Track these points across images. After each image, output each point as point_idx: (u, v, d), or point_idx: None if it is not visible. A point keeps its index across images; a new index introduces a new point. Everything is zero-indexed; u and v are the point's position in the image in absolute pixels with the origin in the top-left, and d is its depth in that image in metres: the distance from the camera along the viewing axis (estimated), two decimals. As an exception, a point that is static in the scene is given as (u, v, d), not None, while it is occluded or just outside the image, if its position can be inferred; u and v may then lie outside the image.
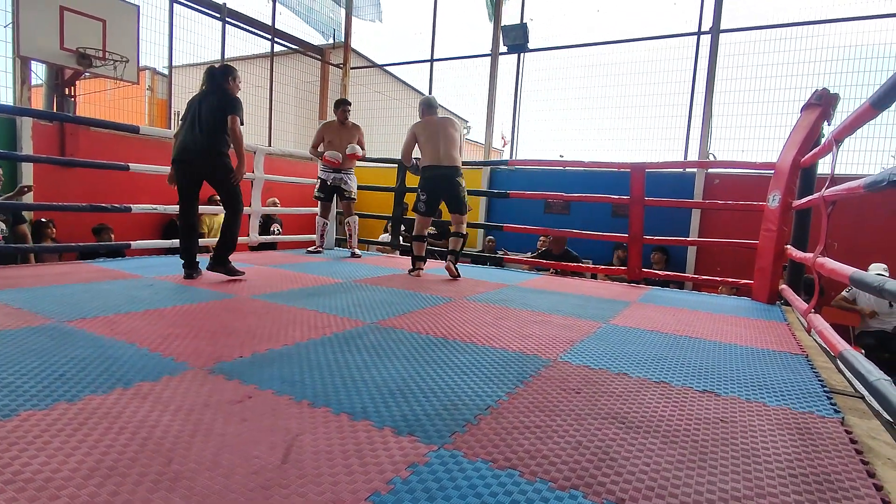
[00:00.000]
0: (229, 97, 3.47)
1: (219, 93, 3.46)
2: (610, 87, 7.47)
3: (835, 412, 1.63)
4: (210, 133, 3.39)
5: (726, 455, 1.28)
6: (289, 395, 1.49)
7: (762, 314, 3.38)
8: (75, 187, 5.47)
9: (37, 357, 1.70)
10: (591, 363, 2.00)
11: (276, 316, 2.47)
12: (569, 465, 1.18)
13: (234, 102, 3.45)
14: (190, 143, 3.40)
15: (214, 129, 3.41)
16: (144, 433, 1.21)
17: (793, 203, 3.64)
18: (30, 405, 1.33)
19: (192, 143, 3.39)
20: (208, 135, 3.39)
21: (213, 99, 3.43)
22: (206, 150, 3.39)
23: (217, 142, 3.42)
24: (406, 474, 1.09)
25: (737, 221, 6.07)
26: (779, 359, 2.24)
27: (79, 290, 2.85)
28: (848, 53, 6.04)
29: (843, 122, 2.38)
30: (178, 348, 1.88)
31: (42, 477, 1.00)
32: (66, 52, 5.16)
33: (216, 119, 3.40)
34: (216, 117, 3.40)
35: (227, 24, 7.42)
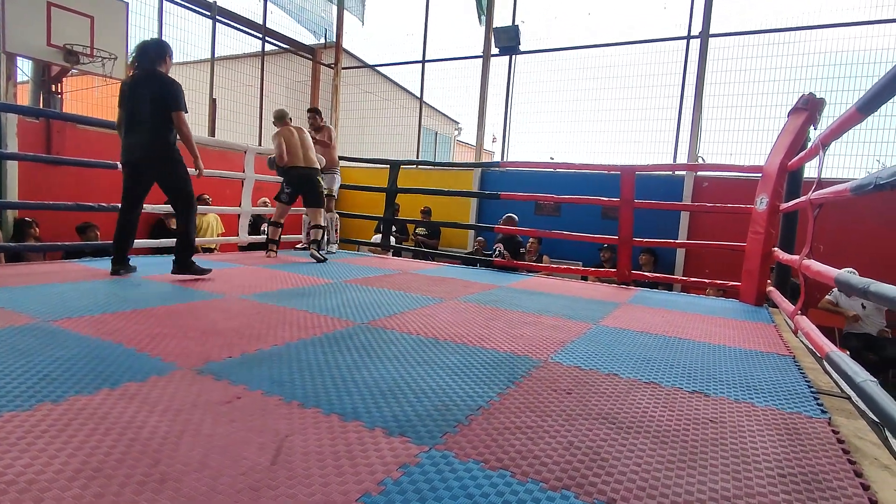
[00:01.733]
0: (170, 87, 3.18)
1: (157, 80, 3.17)
2: (600, 89, 7.51)
3: (822, 412, 1.64)
4: (154, 131, 3.16)
5: (716, 455, 1.29)
6: (278, 396, 1.47)
7: (750, 316, 3.41)
8: (62, 186, 5.39)
9: (21, 357, 1.67)
10: (582, 364, 2.00)
11: (265, 316, 2.45)
12: (560, 465, 1.18)
13: (176, 94, 3.18)
14: (136, 145, 3.19)
15: (159, 125, 3.17)
16: (131, 434, 1.20)
17: (780, 206, 3.68)
18: (13, 406, 1.30)
19: (139, 144, 3.18)
20: (153, 133, 3.16)
21: (153, 87, 3.15)
22: (155, 153, 3.20)
23: (164, 142, 3.21)
24: (397, 475, 1.09)
25: (725, 224, 6.12)
26: (767, 360, 2.26)
27: (65, 290, 2.81)
28: (834, 59, 6.13)
29: (830, 126, 2.41)
30: (166, 348, 1.85)
31: (25, 479, 0.98)
32: (53, 48, 5.08)
33: (159, 114, 3.16)
34: (159, 112, 3.16)
35: (218, 23, 7.36)
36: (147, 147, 3.19)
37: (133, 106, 3.16)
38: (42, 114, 5.19)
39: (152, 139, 3.18)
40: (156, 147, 3.19)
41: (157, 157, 3.22)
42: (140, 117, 3.16)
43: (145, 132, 3.17)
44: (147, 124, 3.16)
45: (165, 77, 3.22)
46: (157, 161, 3.24)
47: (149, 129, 3.16)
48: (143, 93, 3.15)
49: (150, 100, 3.14)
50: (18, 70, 5.27)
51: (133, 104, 3.16)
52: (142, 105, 3.15)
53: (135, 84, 3.17)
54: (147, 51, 3.21)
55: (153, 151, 3.21)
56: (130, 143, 3.20)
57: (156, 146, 3.19)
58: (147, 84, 3.16)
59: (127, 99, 3.19)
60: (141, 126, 3.16)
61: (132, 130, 3.18)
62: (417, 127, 8.76)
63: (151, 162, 3.24)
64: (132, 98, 3.17)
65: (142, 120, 3.16)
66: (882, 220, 5.56)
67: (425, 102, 8.84)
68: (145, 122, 3.16)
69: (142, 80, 3.17)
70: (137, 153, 3.20)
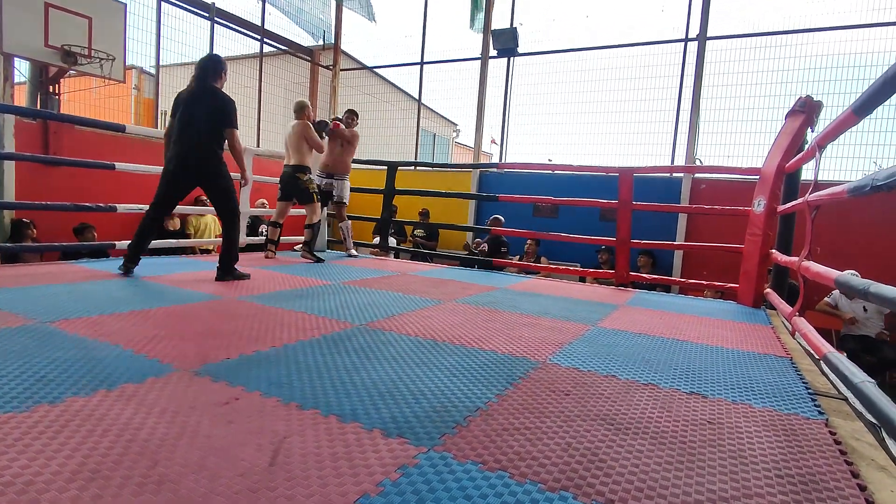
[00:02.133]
0: (226, 105, 3.34)
1: (214, 97, 3.33)
2: (599, 91, 7.53)
3: (819, 414, 1.65)
4: (208, 144, 3.31)
5: (714, 456, 1.29)
6: (276, 397, 1.47)
7: (747, 317, 3.42)
8: (59, 186, 5.37)
9: (17, 358, 1.66)
10: (580, 365, 2.01)
11: (263, 317, 2.45)
12: (559, 466, 1.18)
13: (231, 113, 3.36)
14: (185, 154, 3.30)
15: (212, 139, 3.32)
16: (129, 435, 1.19)
17: (777, 208, 3.70)
18: (10, 407, 1.30)
19: (189, 154, 3.30)
20: (206, 147, 3.31)
21: (211, 103, 3.31)
22: (204, 164, 3.33)
23: (215, 155, 3.35)
24: (396, 476, 1.09)
25: (722, 226, 6.13)
26: (764, 361, 2.26)
27: (61, 291, 2.80)
28: (831, 62, 6.16)
29: (826, 128, 2.42)
30: (163, 350, 1.85)
31: (23, 480, 0.98)
32: (50, 49, 5.07)
33: (213, 129, 3.32)
34: (213, 126, 3.32)
35: (216, 24, 7.36)
36: (199, 159, 3.33)
37: (188, 118, 3.30)
38: (39, 115, 5.17)
39: (206, 152, 3.32)
40: (207, 160, 3.33)
41: (207, 169, 3.35)
42: (193, 129, 3.29)
43: (198, 144, 3.30)
44: (201, 137, 3.30)
45: (222, 94, 3.37)
46: (206, 173, 3.37)
47: (203, 142, 3.30)
48: (200, 107, 3.30)
49: (207, 115, 3.29)
50: (16, 70, 5.26)
51: (189, 116, 3.30)
52: (197, 118, 3.29)
53: (193, 98, 3.32)
54: (206, 67, 3.35)
55: (204, 164, 3.34)
56: (180, 152, 3.30)
57: (207, 159, 3.33)
58: (204, 99, 3.31)
59: (182, 110, 3.32)
60: (194, 138, 3.29)
61: (182, 141, 3.29)
62: (416, 128, 8.77)
63: (201, 173, 3.37)
64: (188, 110, 3.30)
65: (196, 132, 3.29)
66: (879, 222, 5.58)
67: (423, 104, 8.85)
68: (199, 134, 3.30)
69: (199, 94, 3.32)
70: (188, 162, 3.32)
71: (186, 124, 3.30)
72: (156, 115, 7.03)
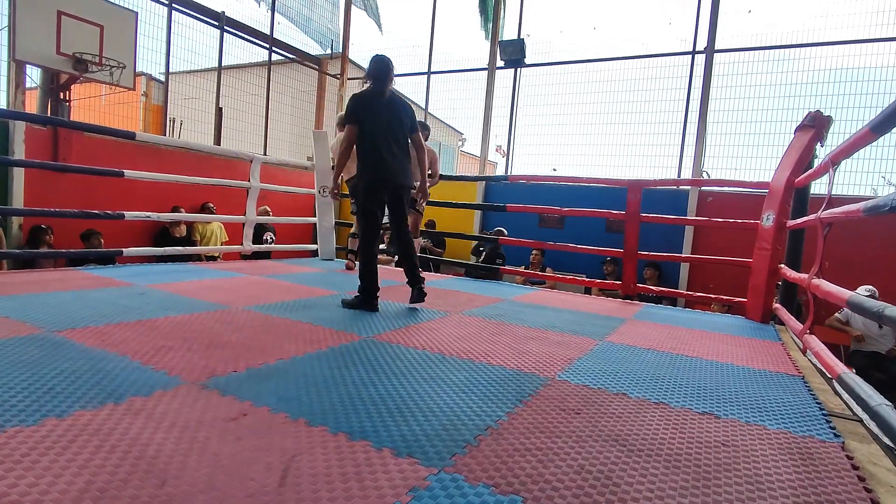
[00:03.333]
0: (412, 112, 3.13)
1: (404, 105, 3.10)
2: (605, 103, 7.54)
3: (835, 436, 1.62)
4: (408, 156, 3.10)
5: (730, 481, 1.27)
6: (285, 413, 1.46)
7: (756, 333, 3.39)
8: (68, 193, 5.40)
9: (26, 369, 1.65)
10: (590, 382, 1.98)
11: (270, 328, 2.44)
12: (572, 490, 1.16)
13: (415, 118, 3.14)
14: (397, 168, 3.01)
15: (408, 151, 3.11)
16: (137, 452, 1.18)
17: (787, 223, 3.67)
18: (17, 421, 1.29)
19: (400, 168, 3.04)
20: (407, 159, 3.09)
21: (405, 111, 3.08)
22: (409, 179, 3.11)
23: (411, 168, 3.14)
24: (407, 499, 1.07)
25: (729, 239, 6.10)
26: (776, 380, 2.23)
27: (69, 299, 2.80)
28: (840, 76, 6.15)
29: (842, 144, 2.41)
30: (170, 361, 1.84)
31: (30, 499, 0.97)
32: (62, 56, 5.12)
33: (407, 139, 3.10)
34: (407, 136, 3.10)
35: (226, 33, 7.42)
36: (406, 170, 3.09)
37: (391, 129, 3.00)
38: (49, 121, 5.21)
39: (408, 165, 3.10)
40: (410, 173, 3.12)
41: (409, 185, 3.14)
42: (395, 140, 3.02)
43: (403, 157, 3.07)
44: (403, 149, 3.07)
45: (406, 101, 3.15)
46: (408, 188, 3.14)
47: (405, 154, 3.08)
48: (399, 116, 3.04)
49: (401, 125, 3.05)
50: (27, 77, 5.30)
51: (389, 126, 3.00)
52: (397, 128, 3.03)
53: (388, 104, 3.01)
54: (391, 69, 3.02)
55: (408, 177, 3.11)
56: (392, 164, 3.00)
57: (410, 172, 3.12)
58: (398, 107, 3.06)
59: (379, 117, 2.98)
60: (398, 150, 3.04)
61: (395, 153, 3.02)
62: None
63: (405, 188, 3.11)
64: (384, 118, 2.99)
65: (399, 144, 3.04)
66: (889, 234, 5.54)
67: (430, 113, 8.88)
68: (402, 146, 3.07)
69: (392, 101, 3.05)
70: (398, 175, 3.03)
71: (390, 135, 2.99)
72: (164, 122, 7.07)
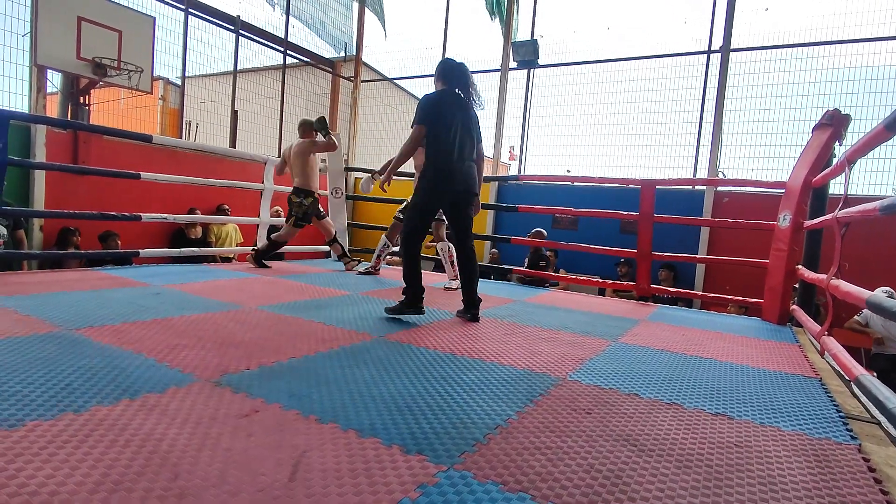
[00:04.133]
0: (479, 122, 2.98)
1: (475, 114, 2.95)
2: (619, 103, 7.49)
3: (851, 438, 1.59)
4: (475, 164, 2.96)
5: (742, 482, 1.25)
6: (296, 410, 1.47)
7: (772, 335, 3.34)
8: (87, 195, 5.51)
9: (44, 366, 1.69)
10: (602, 383, 1.97)
11: (282, 328, 2.46)
12: (581, 489, 1.16)
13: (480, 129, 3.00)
14: (466, 176, 2.89)
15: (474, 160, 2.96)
16: (150, 446, 1.20)
17: (804, 223, 3.61)
18: (36, 415, 1.32)
19: (470, 175, 2.91)
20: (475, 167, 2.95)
21: (470, 119, 2.91)
22: (477, 188, 2.96)
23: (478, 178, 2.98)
24: (415, 496, 1.07)
25: (745, 240, 6.02)
26: (792, 382, 2.20)
27: (86, 298, 2.85)
28: (859, 74, 6.04)
29: (857, 143, 2.37)
30: (184, 359, 1.87)
31: (47, 490, 0.99)
32: (82, 61, 5.23)
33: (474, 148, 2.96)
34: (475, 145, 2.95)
35: (241, 37, 7.51)
36: (473, 178, 2.94)
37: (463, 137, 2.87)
38: (70, 125, 5.32)
39: (475, 174, 2.96)
40: (476, 183, 2.96)
41: (476, 193, 2.98)
42: (466, 148, 2.89)
43: (472, 166, 2.94)
44: (471, 154, 2.94)
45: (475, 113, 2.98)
46: (474, 198, 2.98)
47: (473, 159, 2.95)
48: (470, 123, 2.92)
49: (471, 133, 2.92)
50: (48, 82, 5.42)
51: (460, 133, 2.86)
52: (467, 137, 2.89)
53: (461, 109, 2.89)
54: (464, 72, 2.92)
55: (475, 185, 2.96)
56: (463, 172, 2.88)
57: (476, 182, 2.96)
58: (472, 115, 2.93)
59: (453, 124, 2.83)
60: (468, 156, 2.92)
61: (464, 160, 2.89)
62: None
63: (472, 197, 2.96)
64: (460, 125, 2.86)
65: (467, 151, 2.91)
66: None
67: (443, 115, 8.88)
68: (470, 154, 2.93)
69: (467, 108, 2.91)
70: (468, 183, 2.91)
71: (460, 142, 2.86)
72: (180, 125, 7.18)
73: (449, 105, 2.85)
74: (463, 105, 2.89)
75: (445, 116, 2.82)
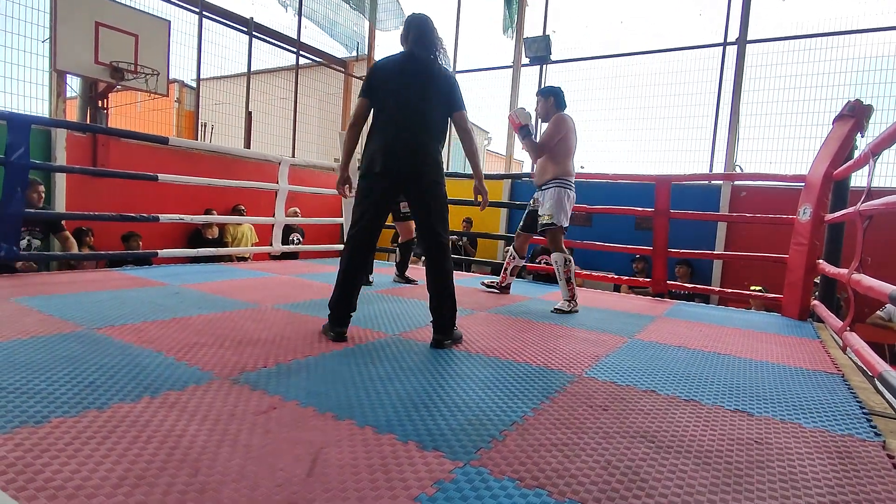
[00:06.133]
0: (455, 85, 2.45)
1: (439, 74, 2.39)
2: (634, 98, 7.41)
3: (875, 435, 1.56)
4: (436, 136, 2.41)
5: (762, 479, 1.24)
6: (313, 407, 1.48)
7: (793, 331, 3.28)
8: (106, 197, 5.60)
9: (68, 364, 1.73)
10: (618, 379, 1.96)
11: (298, 326, 2.48)
12: (598, 485, 1.15)
13: (460, 93, 2.46)
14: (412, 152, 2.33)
15: (439, 129, 2.43)
16: (171, 443, 1.22)
17: (825, 217, 3.55)
18: (61, 412, 1.35)
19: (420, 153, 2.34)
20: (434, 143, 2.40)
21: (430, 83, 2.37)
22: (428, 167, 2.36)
23: (438, 152, 2.42)
24: (432, 491, 1.08)
25: (764, 235, 5.93)
26: (813, 378, 2.16)
27: (108, 298, 2.90)
28: (881, 64, 5.90)
29: (882, 134, 2.32)
30: (203, 357, 1.89)
31: (73, 485, 1.01)
32: (100, 65, 5.32)
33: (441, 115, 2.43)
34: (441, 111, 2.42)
35: (254, 38, 7.58)
36: (428, 158, 2.36)
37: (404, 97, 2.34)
38: (89, 129, 5.42)
39: (431, 146, 2.38)
40: (432, 161, 2.37)
41: (429, 172, 2.36)
42: (418, 114, 2.34)
43: (427, 136, 2.37)
44: (431, 127, 2.38)
45: (448, 73, 2.45)
46: (427, 177, 2.36)
47: (426, 131, 2.37)
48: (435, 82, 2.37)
49: (435, 94, 2.38)
50: (68, 87, 5.52)
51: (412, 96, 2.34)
52: (420, 99, 2.34)
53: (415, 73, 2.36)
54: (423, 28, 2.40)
55: (427, 162, 2.35)
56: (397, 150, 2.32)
57: (433, 155, 2.38)
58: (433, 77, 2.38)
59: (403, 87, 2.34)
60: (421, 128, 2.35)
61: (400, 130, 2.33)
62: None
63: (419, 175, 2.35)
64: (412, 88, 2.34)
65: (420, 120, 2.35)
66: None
67: (455, 113, 8.88)
68: (428, 123, 2.37)
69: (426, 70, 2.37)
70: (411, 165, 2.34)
71: (400, 106, 2.33)
72: (196, 126, 7.27)
73: (397, 72, 2.37)
74: (420, 68, 2.37)
75: (389, 83, 2.35)
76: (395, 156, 2.31)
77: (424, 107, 2.35)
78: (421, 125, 2.35)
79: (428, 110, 2.36)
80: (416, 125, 2.34)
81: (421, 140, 2.35)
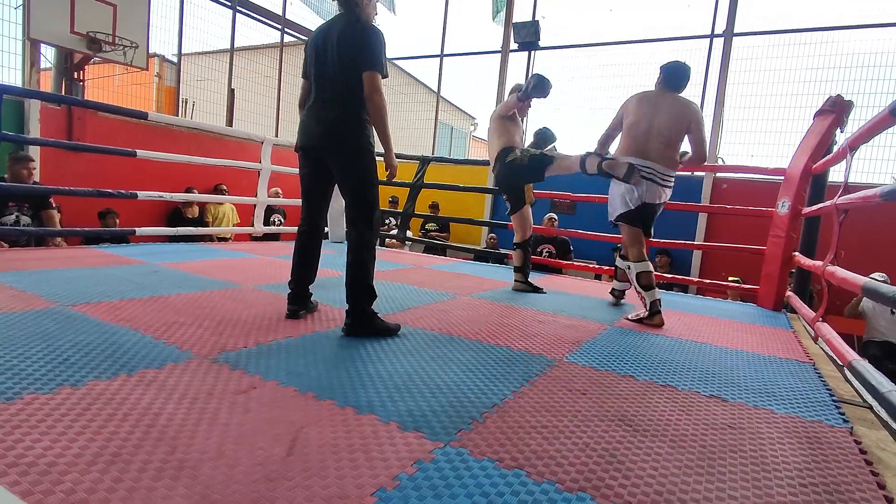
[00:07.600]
0: (366, 33, 2.07)
1: (352, 24, 2.09)
2: (621, 87, 7.43)
3: (844, 422, 1.61)
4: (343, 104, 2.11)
5: (735, 462, 1.27)
6: (294, 387, 1.48)
7: (768, 321, 3.36)
8: (82, 172, 5.46)
9: (41, 340, 1.69)
10: (597, 364, 1.98)
11: (280, 307, 2.46)
12: (576, 466, 1.17)
13: (373, 46, 2.07)
14: (313, 126, 2.16)
15: (347, 94, 2.11)
16: (148, 420, 1.20)
17: (802, 210, 3.61)
18: (33, 388, 1.32)
19: (319, 126, 2.15)
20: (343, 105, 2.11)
21: (328, 46, 2.10)
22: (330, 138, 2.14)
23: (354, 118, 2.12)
24: (412, 471, 1.08)
25: (743, 227, 6.03)
26: (786, 366, 2.22)
27: (84, 275, 2.84)
28: (862, 61, 5.99)
29: (860, 129, 2.36)
30: (182, 336, 1.87)
31: (45, 461, 0.99)
32: (75, 35, 5.14)
33: (349, 75, 2.09)
34: (348, 73, 2.08)
35: (238, 13, 7.39)
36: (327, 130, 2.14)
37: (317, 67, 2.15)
38: (64, 100, 5.25)
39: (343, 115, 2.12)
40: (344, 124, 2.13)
41: (335, 142, 2.14)
42: (319, 80, 2.15)
43: (331, 107, 2.13)
44: (330, 94, 2.13)
45: (366, 24, 2.11)
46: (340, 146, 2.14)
47: (331, 100, 2.13)
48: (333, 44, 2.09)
49: (345, 55, 2.08)
50: (42, 57, 5.33)
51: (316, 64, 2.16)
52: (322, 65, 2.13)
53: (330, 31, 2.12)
54: None
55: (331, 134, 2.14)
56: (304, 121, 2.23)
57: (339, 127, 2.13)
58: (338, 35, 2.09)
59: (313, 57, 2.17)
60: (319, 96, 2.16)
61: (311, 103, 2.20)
62: (434, 121, 8.74)
63: (327, 150, 2.17)
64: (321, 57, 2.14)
65: (322, 87, 2.15)
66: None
67: (442, 97, 8.81)
68: (329, 90, 2.13)
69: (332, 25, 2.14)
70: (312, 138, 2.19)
71: (318, 77, 2.15)
72: (176, 102, 7.10)
73: (314, 40, 2.19)
74: (329, 29, 2.14)
75: (309, 54, 2.20)
76: (306, 132, 2.19)
77: (329, 72, 2.11)
78: (327, 94, 2.13)
79: (333, 76, 2.11)
80: (322, 95, 2.14)
81: (324, 111, 2.13)
